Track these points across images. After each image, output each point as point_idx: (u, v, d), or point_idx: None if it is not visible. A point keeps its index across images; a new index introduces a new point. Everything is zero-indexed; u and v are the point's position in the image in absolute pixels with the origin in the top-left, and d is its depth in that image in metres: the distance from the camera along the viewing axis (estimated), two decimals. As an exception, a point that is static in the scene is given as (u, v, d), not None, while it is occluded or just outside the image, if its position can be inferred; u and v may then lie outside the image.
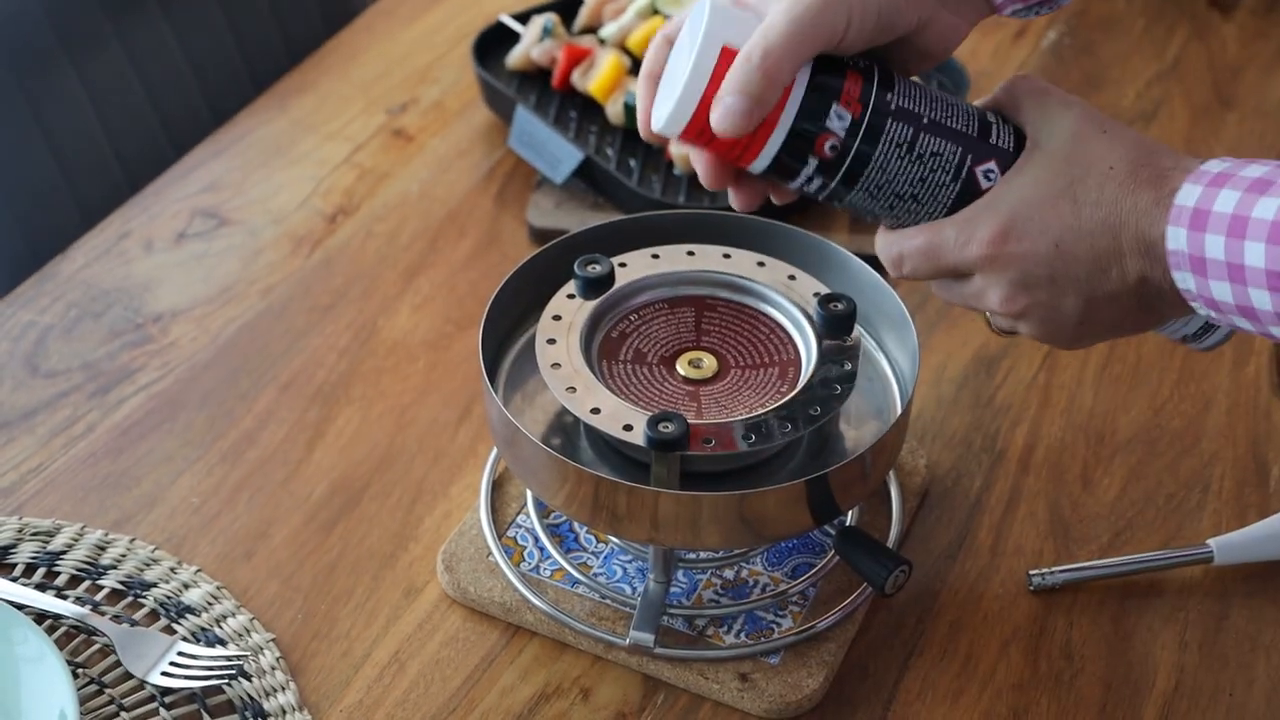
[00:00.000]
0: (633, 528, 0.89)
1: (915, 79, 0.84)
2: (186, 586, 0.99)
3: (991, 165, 0.82)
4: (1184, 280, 0.77)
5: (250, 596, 0.99)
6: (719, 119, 0.79)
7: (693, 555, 0.99)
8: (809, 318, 0.96)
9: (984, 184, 0.82)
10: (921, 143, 0.81)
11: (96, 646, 0.95)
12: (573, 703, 0.93)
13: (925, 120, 0.82)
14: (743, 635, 0.95)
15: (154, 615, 0.97)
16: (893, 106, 0.81)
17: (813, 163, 0.82)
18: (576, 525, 1.01)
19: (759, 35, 0.79)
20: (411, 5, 1.57)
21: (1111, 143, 0.80)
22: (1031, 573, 1.00)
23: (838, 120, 0.81)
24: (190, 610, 0.97)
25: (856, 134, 0.81)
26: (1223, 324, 0.79)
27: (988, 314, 0.86)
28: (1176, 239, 0.76)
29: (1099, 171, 0.79)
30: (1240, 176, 0.75)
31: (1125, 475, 1.08)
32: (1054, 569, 1.00)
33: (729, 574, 0.99)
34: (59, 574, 0.99)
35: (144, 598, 0.98)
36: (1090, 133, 0.80)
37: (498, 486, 1.04)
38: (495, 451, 1.05)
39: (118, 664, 0.93)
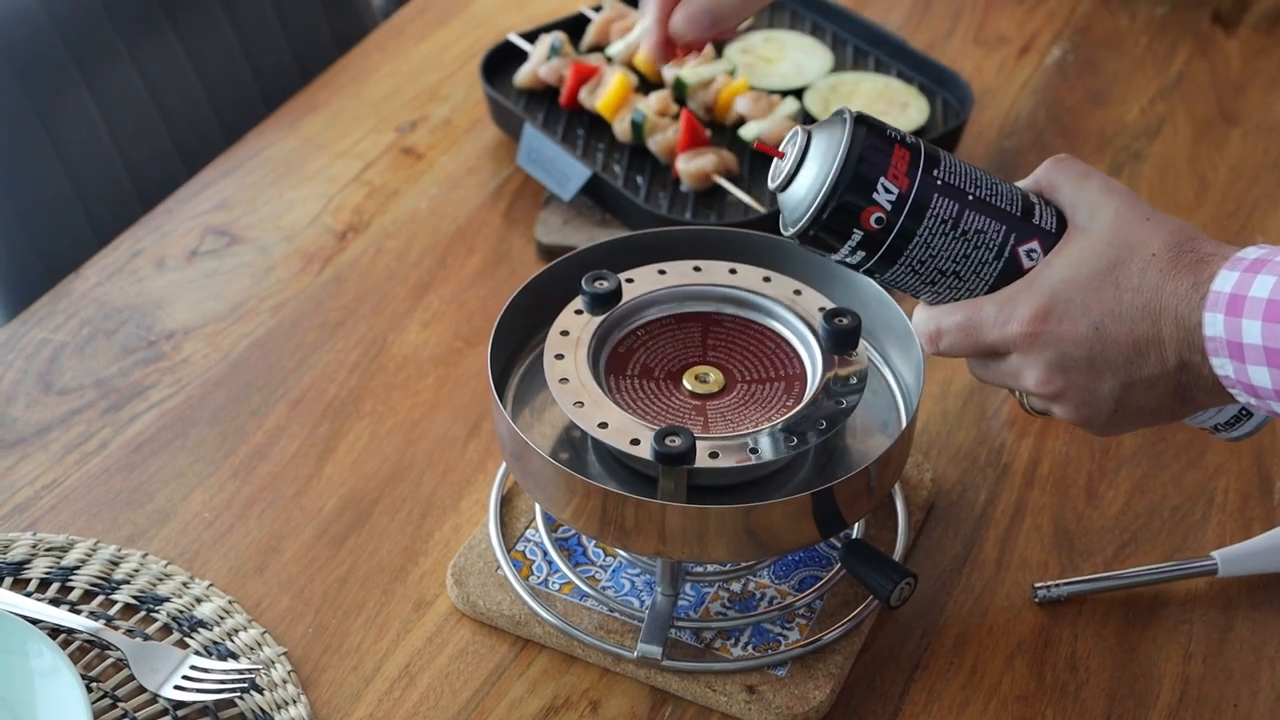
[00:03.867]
0: (640, 541, 0.90)
1: (960, 160, 0.84)
2: (199, 601, 0.99)
3: (1034, 245, 0.82)
4: (1222, 366, 0.77)
5: (262, 611, 1.00)
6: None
7: (700, 568, 1.00)
8: (814, 332, 0.96)
9: (1026, 263, 0.82)
10: (966, 220, 0.82)
11: (110, 661, 0.96)
12: (581, 715, 0.94)
13: (970, 198, 0.82)
14: (750, 648, 0.96)
15: (167, 629, 0.98)
16: (939, 182, 0.82)
17: (857, 235, 0.82)
18: (585, 539, 1.02)
19: None
20: (421, 24, 1.58)
21: (1154, 229, 0.80)
22: (1036, 585, 1.01)
23: (884, 194, 0.81)
24: (202, 624, 0.98)
25: (903, 209, 0.81)
26: (1260, 409, 0.79)
27: (1022, 394, 0.86)
28: (1214, 325, 0.76)
29: (1141, 257, 0.79)
30: (1277, 262, 0.76)
31: (1130, 488, 1.09)
32: (1059, 582, 1.01)
33: (736, 587, 0.99)
34: (73, 589, 1.00)
35: (157, 612, 0.99)
36: (1134, 218, 0.81)
37: (507, 500, 1.05)
38: (504, 466, 1.06)
39: (131, 678, 0.94)
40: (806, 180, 0.82)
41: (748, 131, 1.34)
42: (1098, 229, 0.81)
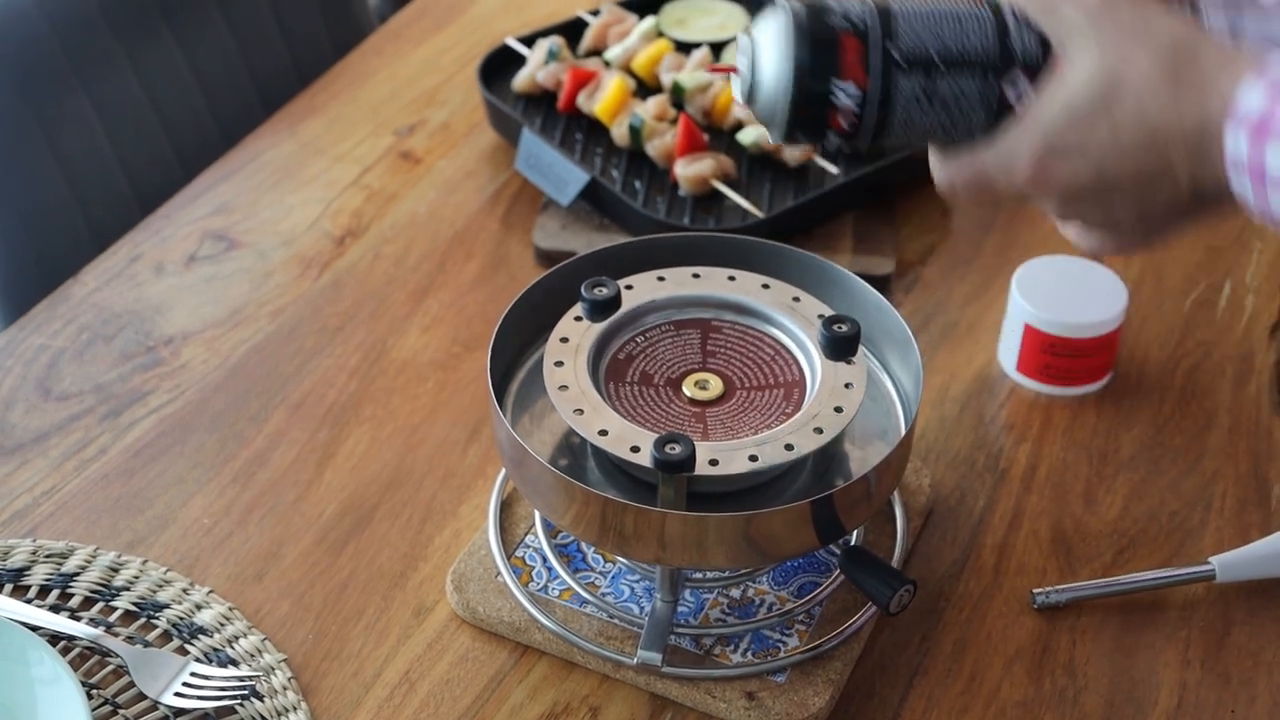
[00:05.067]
0: (640, 548, 0.90)
1: (915, 5, 0.79)
2: (199, 607, 1.00)
3: (1021, 83, 0.78)
4: (1241, 186, 0.73)
5: (262, 617, 1.00)
6: None
7: (699, 574, 1.00)
8: (813, 339, 0.97)
9: (1015, 100, 0.79)
10: (941, 88, 0.78)
11: (110, 668, 0.96)
12: (581, 721, 0.94)
13: (940, 61, 0.77)
14: (749, 654, 0.96)
15: (167, 636, 0.98)
16: (900, 61, 0.77)
17: (833, 135, 0.80)
18: (584, 545, 1.02)
19: None
20: (419, 28, 1.58)
21: (1145, 43, 0.74)
22: (1035, 591, 1.01)
23: (845, 97, 0.78)
24: (202, 631, 0.98)
25: (869, 105, 0.78)
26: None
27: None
28: (1237, 146, 0.72)
29: (1134, 87, 0.74)
30: None
31: (1127, 493, 1.09)
32: (1057, 588, 1.01)
33: (735, 593, 1.00)
34: (73, 596, 1.00)
35: (157, 619, 0.99)
36: (1119, 37, 0.75)
37: (506, 506, 1.05)
38: (504, 471, 1.06)
39: (131, 685, 0.95)
40: (766, 89, 0.80)
41: (746, 136, 1.34)
42: (1082, 60, 0.75)
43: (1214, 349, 1.21)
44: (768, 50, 0.80)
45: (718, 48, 1.44)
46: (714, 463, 0.90)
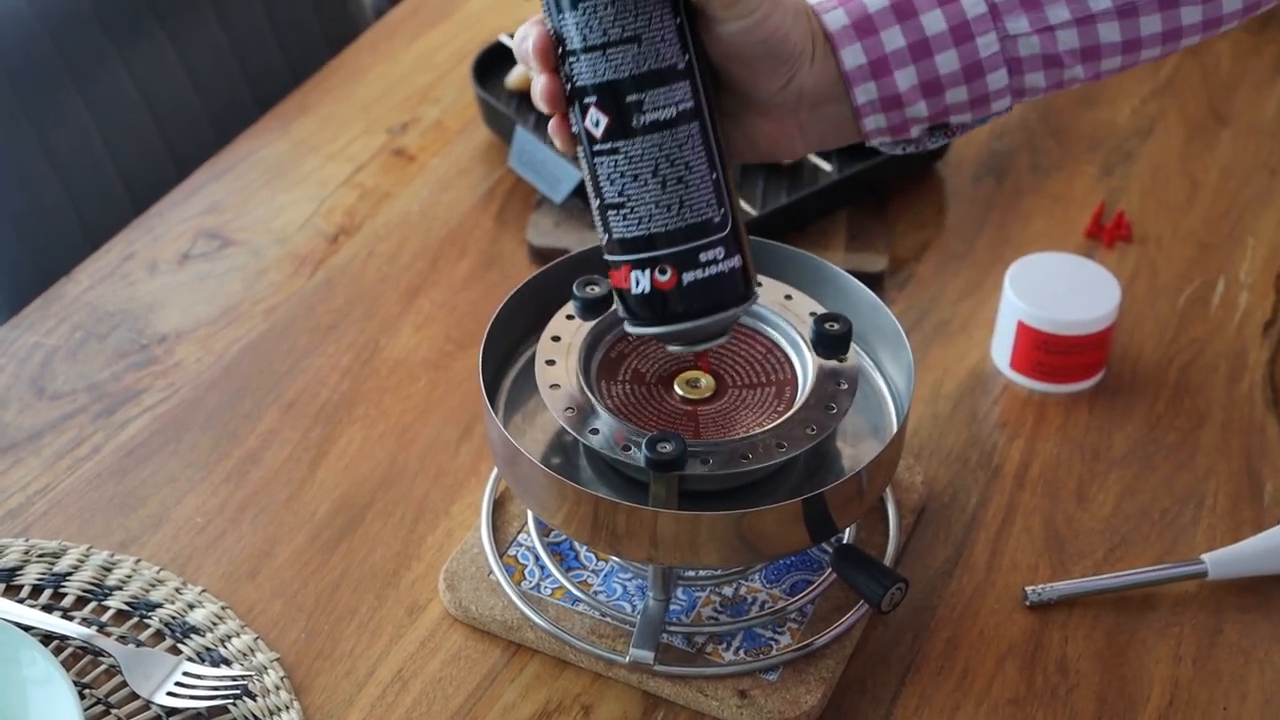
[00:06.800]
0: (632, 547, 0.90)
1: None
2: (191, 607, 1.00)
3: None
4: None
5: (254, 616, 1.00)
6: None
7: (692, 573, 1.00)
8: (805, 337, 0.97)
9: None
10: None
11: (103, 667, 0.96)
12: (574, 720, 0.94)
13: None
14: (741, 652, 0.96)
15: (159, 635, 0.98)
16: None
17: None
18: (577, 544, 1.02)
19: None
20: (412, 26, 1.58)
21: None
22: (1027, 588, 1.01)
23: None
24: (195, 630, 0.98)
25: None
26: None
27: None
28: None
29: None
30: None
31: (1120, 491, 1.09)
32: (1049, 585, 1.01)
33: (728, 591, 1.00)
34: (65, 595, 1.00)
35: (149, 618, 0.99)
36: None
37: (499, 505, 1.05)
38: (496, 470, 1.06)
39: (124, 684, 0.95)
40: None
41: (739, 133, 1.34)
42: None
43: (1207, 346, 1.21)
44: None
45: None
46: (706, 461, 0.90)
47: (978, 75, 0.84)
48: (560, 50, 0.83)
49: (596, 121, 0.83)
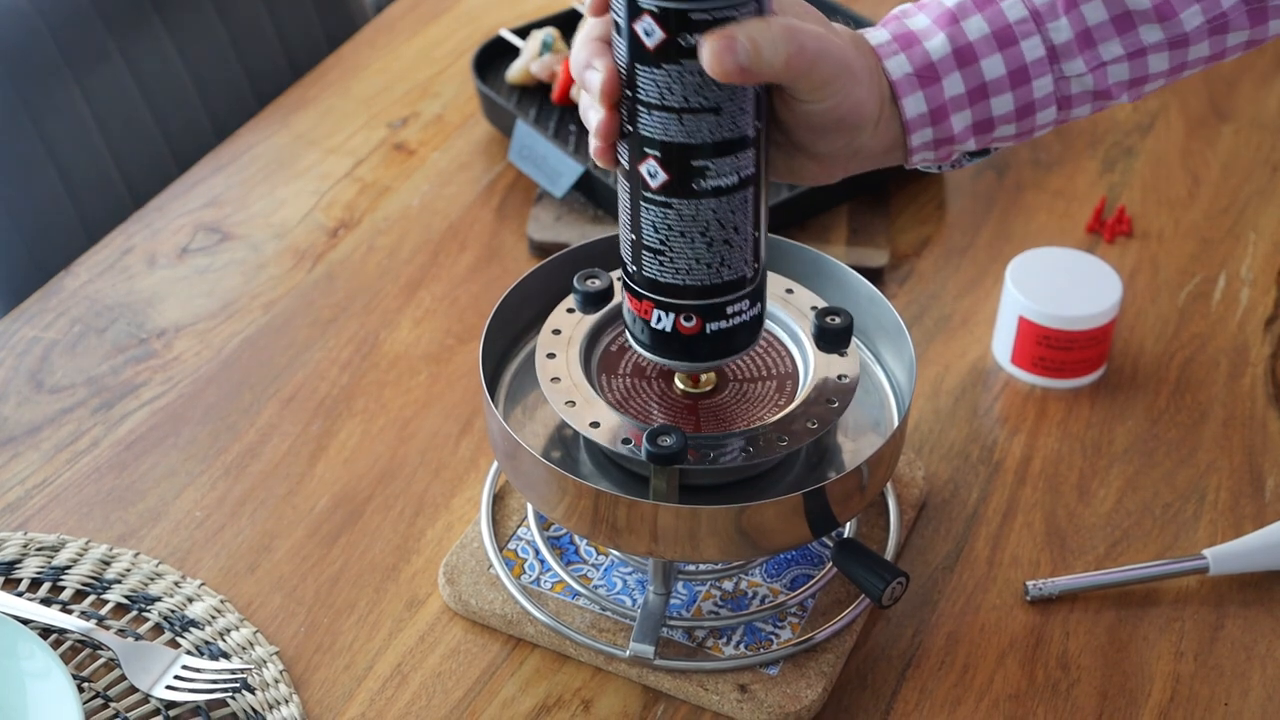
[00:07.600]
0: (632, 541, 0.90)
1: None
2: (190, 600, 0.99)
3: None
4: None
5: (254, 610, 1.00)
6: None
7: (692, 567, 1.00)
8: (806, 331, 0.96)
9: None
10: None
11: (101, 661, 0.96)
12: (573, 714, 0.94)
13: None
14: (742, 646, 0.96)
15: (158, 629, 0.98)
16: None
17: None
18: (577, 537, 1.02)
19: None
20: (412, 20, 1.58)
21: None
22: (1028, 583, 1.01)
23: None
24: (194, 624, 0.98)
25: None
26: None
27: None
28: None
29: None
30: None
31: (1122, 486, 1.09)
32: (1050, 580, 1.01)
33: (728, 585, 0.99)
34: (64, 588, 1.00)
35: (148, 612, 0.99)
36: None
37: (499, 499, 1.05)
38: (496, 464, 1.06)
39: (123, 678, 0.94)
40: None
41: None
42: None
43: (1209, 342, 1.21)
44: None
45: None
46: (706, 455, 0.90)
47: (1029, 114, 0.84)
48: (629, 93, 0.79)
49: (653, 173, 0.80)
